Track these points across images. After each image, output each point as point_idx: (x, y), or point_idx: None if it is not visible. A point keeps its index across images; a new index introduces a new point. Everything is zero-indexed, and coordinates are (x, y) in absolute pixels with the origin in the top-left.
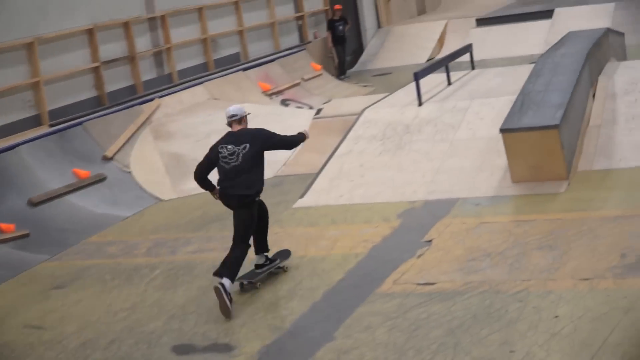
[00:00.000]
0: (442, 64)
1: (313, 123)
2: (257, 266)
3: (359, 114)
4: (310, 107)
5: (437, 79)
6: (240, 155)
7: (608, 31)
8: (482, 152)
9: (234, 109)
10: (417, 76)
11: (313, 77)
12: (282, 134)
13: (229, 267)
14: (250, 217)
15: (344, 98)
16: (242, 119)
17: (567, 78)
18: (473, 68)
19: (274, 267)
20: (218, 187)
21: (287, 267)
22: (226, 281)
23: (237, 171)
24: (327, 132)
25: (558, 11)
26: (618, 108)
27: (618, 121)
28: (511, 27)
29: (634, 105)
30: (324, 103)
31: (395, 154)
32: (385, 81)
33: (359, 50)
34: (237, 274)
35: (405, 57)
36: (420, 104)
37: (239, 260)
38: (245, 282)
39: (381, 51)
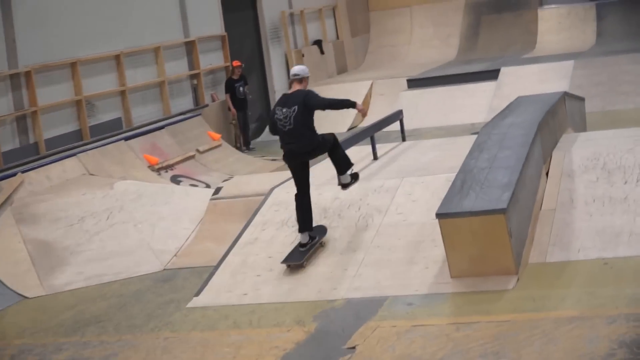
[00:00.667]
0: (366, 134)
1: (210, 205)
2: (302, 245)
3: (267, 195)
4: (207, 186)
5: (360, 152)
6: (292, 118)
7: (565, 96)
8: (414, 241)
9: (298, 68)
10: None
11: (211, 149)
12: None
13: (338, 166)
14: (323, 146)
15: (248, 175)
16: (303, 79)
17: (516, 153)
18: (404, 139)
19: (315, 245)
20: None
21: (324, 243)
22: (344, 178)
23: (292, 133)
24: (227, 216)
25: (505, 71)
26: (576, 189)
27: (576, 204)
28: (449, 89)
29: (594, 186)
30: (224, 181)
31: None
32: None
33: (267, 116)
34: (346, 162)
35: (322, 124)
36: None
37: (338, 154)
38: (291, 265)
39: None
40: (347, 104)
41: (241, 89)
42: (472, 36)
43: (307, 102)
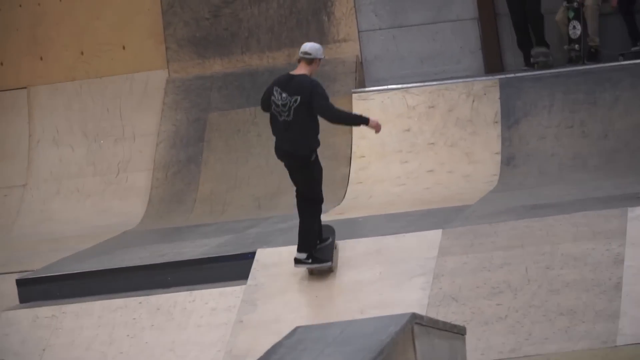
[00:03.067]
0: None
1: None
2: (296, 260)
3: None
4: None
5: None
6: (292, 109)
7: (415, 325)
8: None
9: (310, 46)
10: None
11: None
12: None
13: (300, 238)
14: (310, 176)
15: None
16: (313, 61)
17: None
18: None
19: (327, 244)
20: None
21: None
22: (300, 255)
23: (288, 128)
24: None
25: (266, 257)
26: None
27: None
28: (126, 304)
29: None
30: None
31: None
32: None
33: None
34: (311, 241)
35: None
36: None
37: (308, 225)
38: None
39: None
40: (360, 120)
41: None
42: (184, 166)
43: (312, 97)
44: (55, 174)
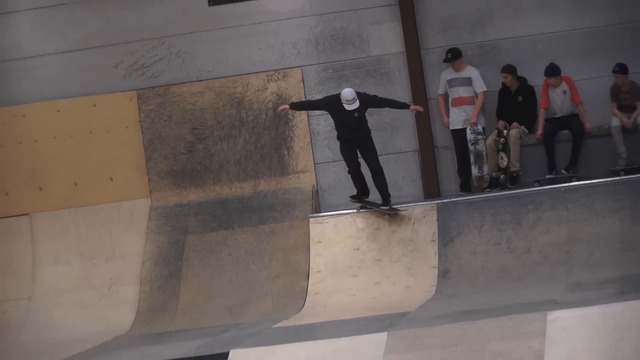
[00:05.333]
0: None
1: None
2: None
3: None
4: None
5: None
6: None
7: None
8: None
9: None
10: None
11: None
12: None
13: (381, 194)
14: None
15: None
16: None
17: None
18: None
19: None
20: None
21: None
22: (384, 206)
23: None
24: None
25: (235, 354)
26: None
27: None
28: None
29: None
30: None
31: None
32: None
33: None
34: (387, 194)
35: None
36: None
37: (383, 185)
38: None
39: None
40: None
41: None
42: (167, 280)
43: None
44: (56, 289)
